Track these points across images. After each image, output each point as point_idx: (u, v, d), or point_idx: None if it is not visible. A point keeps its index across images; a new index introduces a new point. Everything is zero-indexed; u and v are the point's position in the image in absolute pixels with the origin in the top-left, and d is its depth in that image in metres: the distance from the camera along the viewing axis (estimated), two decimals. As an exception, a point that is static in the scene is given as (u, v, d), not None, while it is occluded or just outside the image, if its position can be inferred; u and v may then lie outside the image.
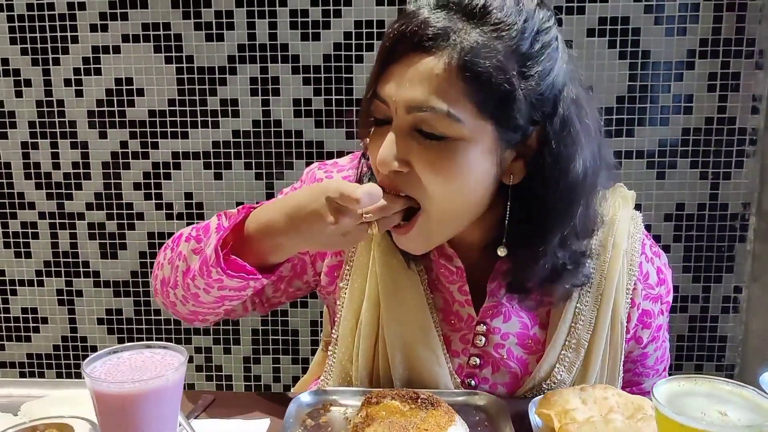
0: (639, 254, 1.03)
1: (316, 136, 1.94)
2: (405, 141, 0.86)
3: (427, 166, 0.85)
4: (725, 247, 1.94)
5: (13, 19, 1.93)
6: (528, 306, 1.02)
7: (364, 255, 1.04)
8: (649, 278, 1.04)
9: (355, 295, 1.04)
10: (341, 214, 0.85)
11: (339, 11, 1.87)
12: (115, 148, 1.99)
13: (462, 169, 0.86)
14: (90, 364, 0.76)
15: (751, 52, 1.84)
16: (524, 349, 1.02)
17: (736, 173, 1.90)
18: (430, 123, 0.84)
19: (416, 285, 1.01)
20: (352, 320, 1.04)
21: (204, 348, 2.09)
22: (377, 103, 0.88)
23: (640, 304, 1.03)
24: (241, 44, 1.91)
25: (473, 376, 1.02)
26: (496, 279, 1.00)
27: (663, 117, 1.88)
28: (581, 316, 0.99)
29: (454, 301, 1.03)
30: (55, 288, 2.09)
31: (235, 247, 0.95)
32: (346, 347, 1.04)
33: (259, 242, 0.94)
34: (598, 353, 1.00)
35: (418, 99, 0.83)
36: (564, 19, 1.83)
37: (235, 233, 0.95)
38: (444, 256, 1.02)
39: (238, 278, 0.93)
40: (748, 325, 1.97)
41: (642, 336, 1.05)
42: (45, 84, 1.97)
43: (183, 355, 0.77)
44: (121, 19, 1.92)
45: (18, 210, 2.05)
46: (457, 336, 1.02)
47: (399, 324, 1.00)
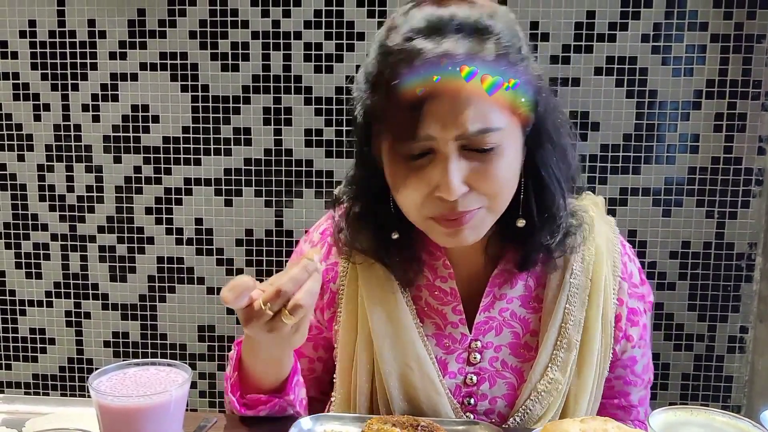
0: (621, 254, 1.06)
1: (326, 166, 1.97)
2: (458, 165, 0.88)
3: (485, 177, 0.89)
4: (731, 287, 1.94)
5: (36, 45, 1.99)
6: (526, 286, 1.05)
7: (352, 294, 1.06)
8: (633, 277, 1.07)
9: (347, 335, 1.05)
10: (247, 319, 0.85)
11: (351, 45, 1.92)
12: (128, 173, 2.03)
13: (510, 166, 0.91)
14: (96, 378, 0.77)
15: (757, 94, 1.86)
16: (518, 358, 1.03)
17: (742, 213, 1.91)
18: (478, 142, 0.87)
19: (406, 316, 1.02)
20: (348, 361, 1.05)
21: (208, 374, 2.10)
22: (417, 141, 0.88)
23: (627, 302, 1.05)
24: (256, 75, 1.95)
25: (472, 395, 1.03)
26: (491, 292, 1.03)
27: (669, 156, 1.90)
28: (570, 317, 1.01)
29: (446, 324, 1.04)
30: (63, 309, 2.12)
31: (245, 382, 1.01)
32: (345, 389, 1.06)
33: (254, 367, 0.99)
34: (593, 354, 1.01)
35: (468, 128, 0.86)
36: (572, 57, 1.87)
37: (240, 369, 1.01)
38: (440, 278, 1.04)
39: (255, 411, 0.99)
40: (754, 365, 1.96)
41: (632, 334, 1.06)
42: (63, 108, 2.02)
43: (187, 373, 0.79)
44: (140, 48, 1.97)
45: (31, 231, 2.08)
46: (452, 357, 1.03)
47: (393, 358, 1.01)
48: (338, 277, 1.08)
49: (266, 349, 0.94)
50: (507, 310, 1.04)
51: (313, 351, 1.13)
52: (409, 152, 0.89)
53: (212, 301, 2.06)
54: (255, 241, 2.02)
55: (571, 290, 1.02)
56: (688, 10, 1.84)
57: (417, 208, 0.92)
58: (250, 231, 2.02)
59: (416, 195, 0.91)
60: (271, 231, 2.02)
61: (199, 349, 2.09)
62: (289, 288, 0.82)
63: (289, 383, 1.01)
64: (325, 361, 1.13)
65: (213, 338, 2.08)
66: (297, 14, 1.92)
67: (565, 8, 1.86)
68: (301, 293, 0.83)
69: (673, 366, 1.98)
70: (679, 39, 1.85)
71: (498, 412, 1.02)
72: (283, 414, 1.03)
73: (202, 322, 2.08)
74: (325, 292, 1.08)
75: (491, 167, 0.88)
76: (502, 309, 1.04)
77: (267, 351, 0.95)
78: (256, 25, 1.93)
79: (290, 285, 0.82)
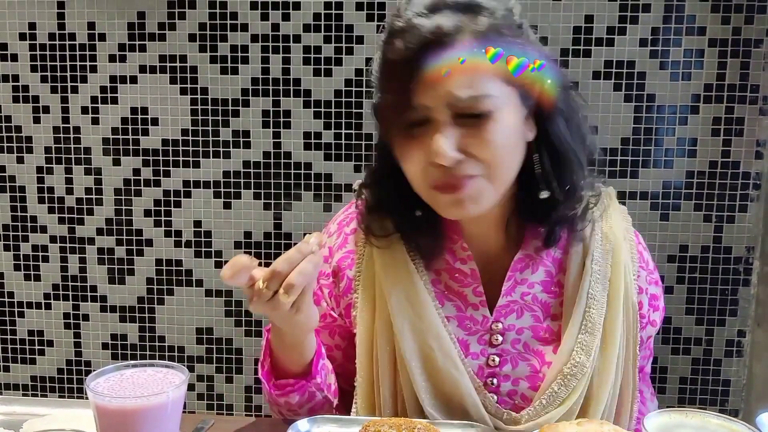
0: (636, 243, 1.11)
1: (325, 169, 1.98)
2: (451, 131, 0.93)
3: (480, 143, 0.93)
4: (729, 291, 1.95)
5: (35, 48, 1.99)
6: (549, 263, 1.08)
7: (369, 280, 1.08)
8: (648, 264, 1.13)
9: (365, 320, 1.07)
10: (250, 298, 0.91)
11: (351, 48, 1.92)
12: (127, 175, 2.03)
13: (506, 133, 0.95)
14: (94, 379, 0.77)
15: (755, 98, 1.86)
16: (540, 341, 1.05)
17: (740, 217, 1.91)
18: (470, 108, 0.92)
19: (426, 298, 1.04)
20: (368, 344, 1.07)
21: (206, 376, 2.10)
22: (414, 111, 0.94)
23: (647, 289, 1.10)
24: (255, 78, 1.96)
25: (494, 375, 1.05)
26: (513, 276, 1.06)
27: (667, 159, 1.91)
28: (593, 301, 1.04)
29: (467, 305, 1.06)
30: (62, 311, 2.12)
31: (276, 368, 1.07)
32: (367, 373, 1.07)
33: (280, 351, 1.05)
34: (615, 336, 1.04)
35: (457, 94, 0.91)
36: (570, 61, 1.87)
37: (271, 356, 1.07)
38: (459, 260, 1.06)
39: (286, 396, 1.05)
40: (752, 369, 1.96)
41: (656, 319, 1.12)
42: (62, 111, 2.02)
43: (184, 374, 0.79)
44: (139, 51, 1.97)
45: (30, 233, 2.08)
46: (474, 338, 1.05)
47: (413, 339, 1.03)
48: (355, 264, 1.11)
49: (287, 333, 0.99)
50: (528, 294, 1.06)
51: (330, 338, 1.16)
52: (408, 121, 0.96)
53: (211, 303, 2.06)
54: (254, 243, 2.03)
55: (593, 275, 1.05)
56: (686, 14, 1.84)
57: (420, 178, 0.98)
58: (248, 233, 2.03)
59: (417, 164, 0.96)
60: (270, 234, 2.02)
61: (197, 351, 2.09)
62: (283, 268, 0.88)
63: (314, 366, 1.05)
64: (344, 349, 1.16)
65: (211, 340, 2.08)
66: (296, 17, 1.92)
67: (564, 12, 1.86)
68: (295, 273, 0.88)
69: (671, 370, 1.98)
70: (677, 43, 1.86)
71: (521, 393, 1.04)
72: (314, 401, 1.08)
73: (201, 325, 2.08)
74: (341, 279, 1.12)
75: (485, 133, 0.93)
76: (524, 293, 1.06)
77: (289, 335, 1.00)
78: (255, 29, 1.94)
79: (285, 265, 0.88)
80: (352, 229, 1.14)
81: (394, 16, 0.97)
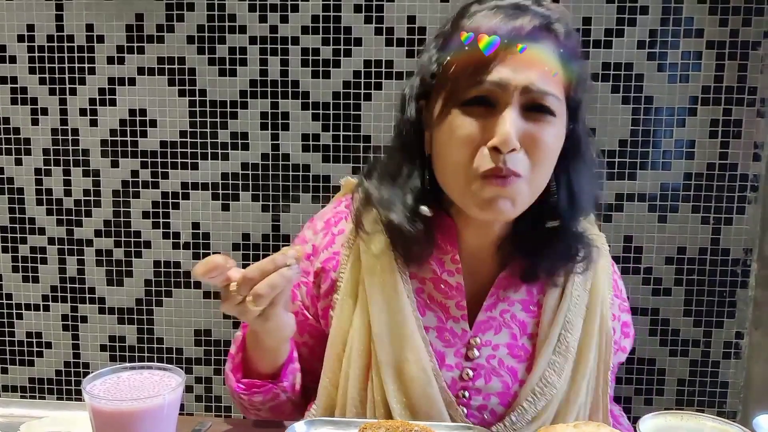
0: (612, 272, 1.12)
1: (323, 171, 1.98)
2: (516, 121, 0.92)
3: (535, 142, 0.93)
4: (726, 293, 1.95)
5: (34, 50, 1.99)
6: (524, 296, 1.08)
7: (352, 282, 1.07)
8: (622, 292, 1.15)
9: (343, 321, 1.07)
10: (223, 298, 0.92)
11: (349, 51, 1.92)
12: (126, 176, 2.03)
13: (555, 142, 0.96)
14: (90, 382, 0.77)
15: (752, 101, 1.87)
16: (514, 359, 1.05)
17: (737, 219, 1.92)
18: (541, 99, 0.93)
19: (406, 306, 1.04)
20: (339, 346, 1.06)
21: (204, 378, 2.10)
22: (487, 87, 0.92)
23: (620, 316, 1.13)
24: (253, 80, 1.96)
25: (467, 389, 1.04)
26: (496, 293, 1.06)
27: (665, 161, 1.91)
28: (570, 325, 1.05)
29: (449, 318, 1.05)
30: (60, 313, 2.12)
31: (246, 366, 1.08)
32: (333, 373, 1.07)
33: (255, 350, 1.05)
34: (588, 360, 1.05)
35: (534, 80, 0.91)
36: (568, 63, 1.87)
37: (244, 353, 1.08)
38: (447, 272, 1.05)
39: (249, 395, 1.06)
40: (749, 371, 1.97)
41: (626, 345, 1.14)
42: (61, 113, 2.02)
43: (180, 377, 0.79)
44: (138, 53, 1.97)
45: (28, 235, 2.08)
46: (451, 351, 1.05)
47: (390, 344, 1.03)
48: (339, 266, 1.09)
49: (262, 337, 1.00)
50: (508, 312, 1.06)
51: (298, 335, 1.14)
52: (473, 96, 0.93)
53: (208, 305, 2.06)
54: (252, 245, 2.03)
55: (572, 300, 1.06)
56: (683, 17, 1.85)
57: (466, 162, 0.94)
58: (247, 235, 2.03)
59: (467, 147, 0.93)
60: (268, 236, 2.02)
61: (195, 353, 2.09)
62: (254, 276, 0.88)
63: (284, 369, 1.06)
64: (312, 347, 1.15)
65: (209, 342, 2.08)
66: (294, 20, 1.92)
67: (562, 14, 1.86)
68: (263, 284, 0.87)
69: (669, 372, 1.99)
70: (674, 45, 1.86)
71: (491, 409, 1.04)
72: (277, 401, 1.07)
73: (199, 327, 2.08)
74: (324, 280, 1.10)
75: (542, 133, 0.94)
76: (504, 311, 1.06)
77: (263, 339, 1.00)
78: (253, 30, 1.94)
79: (256, 273, 0.88)
80: (340, 229, 1.13)
81: (471, 3, 0.98)
